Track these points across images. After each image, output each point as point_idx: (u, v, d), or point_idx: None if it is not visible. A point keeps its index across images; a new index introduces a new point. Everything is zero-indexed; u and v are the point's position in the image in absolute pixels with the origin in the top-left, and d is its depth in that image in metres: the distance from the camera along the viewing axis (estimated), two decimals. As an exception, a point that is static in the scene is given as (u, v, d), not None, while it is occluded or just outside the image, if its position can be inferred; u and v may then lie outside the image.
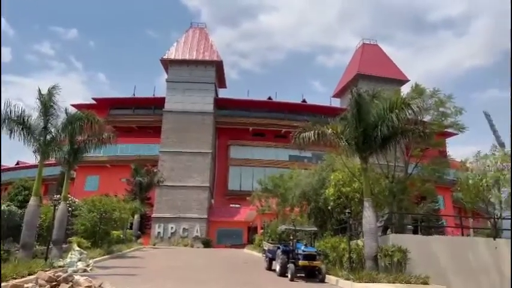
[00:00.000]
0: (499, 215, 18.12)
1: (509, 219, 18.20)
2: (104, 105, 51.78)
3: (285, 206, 30.96)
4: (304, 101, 56.41)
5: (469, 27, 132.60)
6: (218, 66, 52.16)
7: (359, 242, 17.38)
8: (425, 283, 13.97)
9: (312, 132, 16.71)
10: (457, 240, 17.30)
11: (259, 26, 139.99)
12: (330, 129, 16.69)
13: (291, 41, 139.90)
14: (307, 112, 50.67)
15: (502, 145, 47.26)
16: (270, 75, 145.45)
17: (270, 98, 56.15)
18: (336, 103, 58.20)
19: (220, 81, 56.05)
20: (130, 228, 36.81)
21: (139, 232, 38.80)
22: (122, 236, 29.79)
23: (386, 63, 56.88)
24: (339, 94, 59.32)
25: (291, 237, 17.52)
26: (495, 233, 17.55)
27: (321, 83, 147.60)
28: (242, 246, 39.76)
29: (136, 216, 37.82)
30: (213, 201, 49.44)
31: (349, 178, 19.98)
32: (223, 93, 57.25)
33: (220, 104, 53.15)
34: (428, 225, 22.98)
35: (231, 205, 48.56)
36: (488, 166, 17.73)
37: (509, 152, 18.14)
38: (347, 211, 18.26)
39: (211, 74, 51.28)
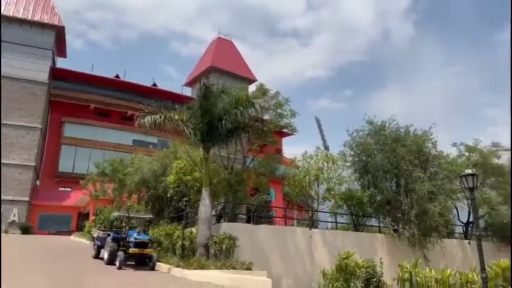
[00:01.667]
0: (316, 207, 20.77)
1: (324, 212, 21.12)
2: None
3: (123, 192, 29.62)
4: (154, 84, 54.62)
5: (312, 40, 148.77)
6: (59, 32, 46.36)
7: (193, 229, 17.71)
8: (249, 268, 15.06)
9: (159, 116, 16.33)
10: (281, 229, 19.18)
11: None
12: (177, 116, 16.56)
13: (145, 21, 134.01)
14: (156, 96, 48.79)
15: (326, 148, 54.55)
16: (121, 53, 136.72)
17: (117, 77, 52.56)
18: (188, 92, 58.16)
19: (60, 50, 49.98)
20: None
21: None
22: None
23: (238, 61, 59.37)
24: (191, 83, 59.35)
25: (124, 225, 16.79)
26: (311, 223, 20.07)
27: (175, 70, 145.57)
28: (69, 233, 36.49)
29: None
30: (38, 182, 43.83)
31: (190, 167, 20.18)
32: (62, 64, 51.23)
33: (58, 74, 47.30)
34: (260, 216, 24.92)
35: (61, 188, 43.95)
36: (311, 165, 20.15)
37: (328, 153, 20.95)
38: (185, 199, 18.45)
39: (50, 40, 45.22)
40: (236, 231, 16.40)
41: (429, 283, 9.06)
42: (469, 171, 8.20)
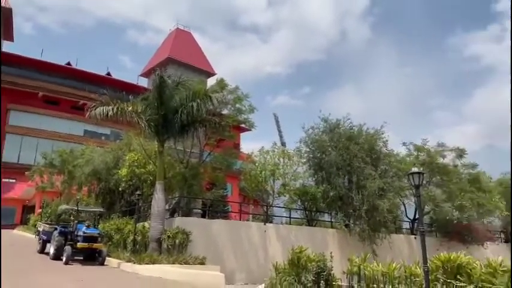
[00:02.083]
0: (271, 203, 20.95)
1: (279, 207, 21.36)
2: None
3: (72, 184, 28.48)
4: (109, 74, 52.70)
5: (272, 36, 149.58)
6: (5, 14, 43.49)
7: (146, 224, 17.37)
8: (202, 263, 14.99)
9: (111, 107, 15.80)
10: (236, 224, 19.18)
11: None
12: (131, 107, 16.09)
13: (101, 8, 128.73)
14: (110, 86, 46.81)
15: (283, 144, 55.13)
16: (73, 39, 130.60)
17: (69, 64, 50.19)
18: (144, 83, 56.63)
19: (7, 33, 46.92)
20: None
21: None
22: None
23: (197, 53, 58.58)
24: (147, 74, 57.81)
25: (72, 218, 16.15)
26: (266, 218, 20.26)
27: (130, 59, 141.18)
28: (13, 227, 34.54)
29: None
30: (-22, 173, 41.09)
31: (144, 160, 19.71)
32: (9, 48, 48.15)
33: (4, 59, 44.34)
34: (216, 210, 24.79)
35: (4, 179, 41.45)
36: (268, 160, 20.29)
37: (285, 149, 21.18)
38: (138, 193, 18.02)
39: (-5, 21, 42.36)
40: (190, 225, 16.23)
41: (376, 276, 9.43)
42: (415, 169, 8.56)
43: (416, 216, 24.94)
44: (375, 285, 9.37)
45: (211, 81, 38.25)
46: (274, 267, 11.71)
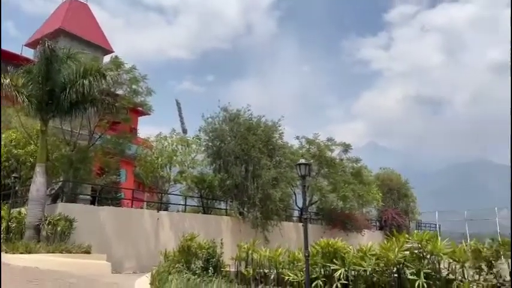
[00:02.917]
0: (167, 190, 20.49)
1: (175, 194, 20.99)
2: None
3: None
4: (-14, 40, 46.16)
5: (178, 19, 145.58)
6: None
7: (23, 209, 15.82)
8: (87, 252, 14.15)
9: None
10: (126, 212, 18.38)
11: None
12: (8, 80, 14.30)
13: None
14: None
15: (185, 131, 54.12)
16: None
17: None
18: (29, 54, 50.75)
19: None
20: None
21: None
22: None
23: (93, 27, 53.97)
24: (33, 44, 51.78)
25: None
26: (160, 206, 19.80)
27: (14, 25, 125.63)
28: None
29: None
30: None
31: (24, 139, 17.77)
32: None
33: None
34: (106, 197, 23.47)
35: None
36: (165, 147, 19.74)
37: (183, 136, 20.85)
38: (14, 175, 16.23)
39: None
40: (74, 212, 15.16)
41: (263, 261, 9.82)
42: (303, 160, 9.10)
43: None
44: (261, 270, 9.75)
45: (108, 59, 35.72)
46: (163, 255, 11.50)
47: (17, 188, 17.15)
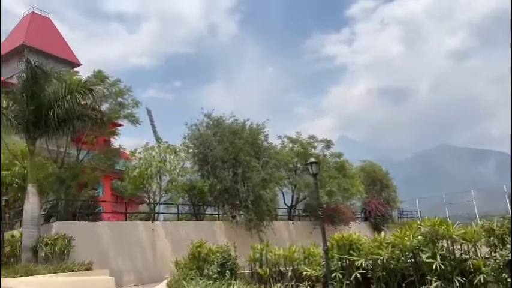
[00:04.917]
0: (158, 200, 20.41)
1: (166, 203, 20.93)
2: None
3: None
4: None
5: (139, 27, 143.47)
6: None
7: (15, 233, 15.47)
8: (89, 269, 14.00)
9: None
10: (121, 225, 18.23)
11: None
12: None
13: None
14: None
15: (158, 139, 53.53)
16: None
17: None
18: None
19: None
20: None
21: None
22: None
23: (58, 41, 52.62)
24: (-5, 62, 49.90)
25: None
26: (153, 216, 19.72)
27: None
28: None
29: None
30: None
31: (8, 161, 17.26)
32: None
33: None
34: (87, 212, 23.05)
35: None
36: (153, 157, 19.65)
37: (170, 145, 20.83)
38: (4, 198, 15.77)
39: None
40: (70, 230, 14.93)
41: (278, 260, 10.13)
42: (312, 159, 9.45)
43: (293, 203, 27.12)
44: (277, 269, 10.04)
45: (81, 72, 34.77)
46: (175, 264, 11.58)
47: (5, 211, 16.64)
